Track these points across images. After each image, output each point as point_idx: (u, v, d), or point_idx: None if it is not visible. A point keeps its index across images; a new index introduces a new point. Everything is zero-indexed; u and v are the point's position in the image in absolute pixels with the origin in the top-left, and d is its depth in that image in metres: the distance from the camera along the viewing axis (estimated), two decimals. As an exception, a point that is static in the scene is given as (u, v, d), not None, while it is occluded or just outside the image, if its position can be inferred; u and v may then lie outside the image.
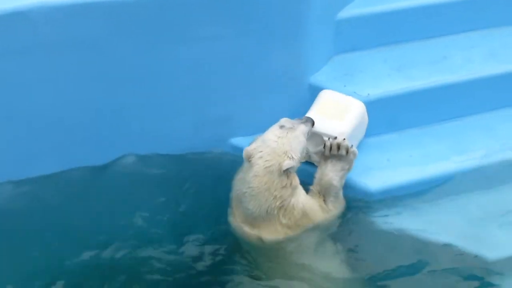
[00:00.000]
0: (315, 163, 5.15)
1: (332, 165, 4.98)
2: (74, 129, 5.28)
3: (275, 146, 4.76)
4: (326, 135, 5.11)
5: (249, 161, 4.78)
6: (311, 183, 5.00)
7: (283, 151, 4.75)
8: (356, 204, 5.18)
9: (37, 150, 5.26)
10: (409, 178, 5.25)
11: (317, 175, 5.00)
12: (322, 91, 5.38)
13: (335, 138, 5.01)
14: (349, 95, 5.36)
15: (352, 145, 5.02)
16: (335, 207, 4.98)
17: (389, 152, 5.41)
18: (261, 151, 4.77)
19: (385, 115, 5.48)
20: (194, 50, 5.19)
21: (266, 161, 4.73)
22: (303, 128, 4.92)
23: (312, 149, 5.16)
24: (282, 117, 5.09)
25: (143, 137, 5.43)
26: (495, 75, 5.65)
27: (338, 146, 4.96)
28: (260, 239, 4.80)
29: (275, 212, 4.75)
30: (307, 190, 4.97)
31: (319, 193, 4.96)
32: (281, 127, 4.88)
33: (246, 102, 5.47)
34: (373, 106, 5.37)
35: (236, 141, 5.54)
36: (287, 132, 4.83)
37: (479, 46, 5.86)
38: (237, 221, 4.89)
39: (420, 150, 5.43)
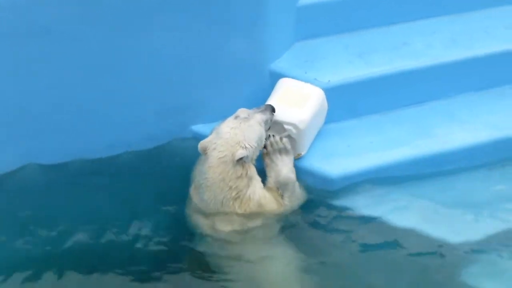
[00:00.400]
0: None
1: (281, 161, 5.01)
2: (33, 121, 5.25)
3: (228, 137, 4.80)
4: (286, 123, 5.13)
5: (205, 154, 4.81)
6: None
7: (236, 141, 4.78)
8: (317, 190, 5.19)
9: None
10: (370, 164, 5.26)
11: (271, 174, 5.00)
12: (281, 79, 5.38)
13: (270, 136, 5.06)
14: (310, 81, 5.37)
15: (281, 137, 5.08)
16: (292, 202, 4.99)
17: (350, 139, 5.42)
18: (215, 143, 4.80)
19: (346, 102, 5.49)
20: (154, 38, 5.18)
21: (219, 152, 4.77)
22: (258, 117, 4.94)
23: None
24: (243, 103, 5.13)
25: (104, 126, 5.39)
26: (455, 61, 5.67)
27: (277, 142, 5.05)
28: (214, 229, 4.81)
29: (231, 203, 4.78)
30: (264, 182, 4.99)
31: (277, 188, 4.96)
32: (236, 117, 4.90)
33: (207, 90, 5.46)
34: (334, 93, 5.38)
35: (198, 128, 5.53)
36: (240, 123, 4.85)
37: (440, 32, 5.89)
38: (193, 212, 4.91)
39: (380, 136, 5.44)
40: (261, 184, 4.90)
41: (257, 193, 4.84)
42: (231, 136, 4.80)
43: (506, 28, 5.90)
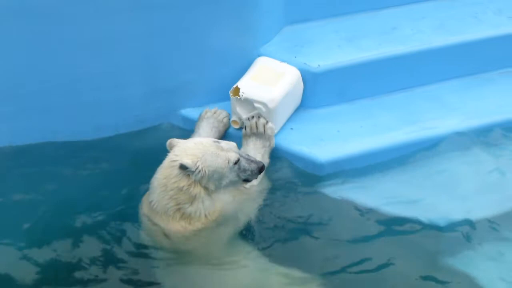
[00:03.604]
0: None
1: (253, 144, 5.00)
2: (23, 100, 5.20)
3: (191, 146, 4.57)
4: (256, 101, 5.12)
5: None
6: None
7: (193, 153, 4.52)
8: (305, 175, 5.18)
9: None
10: (360, 149, 5.26)
11: None
12: (258, 58, 5.40)
13: (253, 117, 5.06)
14: (300, 66, 5.35)
15: (267, 121, 5.07)
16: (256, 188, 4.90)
17: (340, 123, 5.41)
18: (179, 146, 4.60)
19: (336, 86, 5.48)
20: (143, 19, 5.11)
21: (174, 155, 4.57)
22: (232, 156, 4.58)
23: (244, 115, 5.19)
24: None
25: (92, 107, 5.34)
26: (444, 46, 5.65)
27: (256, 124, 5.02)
28: (164, 234, 4.63)
29: (171, 213, 4.57)
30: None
31: None
32: (215, 141, 4.65)
33: (195, 73, 5.40)
34: (323, 77, 5.38)
35: (187, 112, 5.49)
36: (211, 146, 4.58)
37: (429, 17, 5.87)
38: (143, 211, 4.73)
39: (370, 121, 5.44)
40: (212, 202, 4.65)
41: (203, 213, 4.60)
42: (193, 147, 4.55)
43: (495, 13, 5.91)
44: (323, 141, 5.27)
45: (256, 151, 4.99)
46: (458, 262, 4.74)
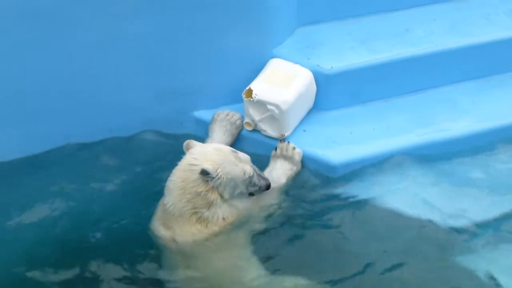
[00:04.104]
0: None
1: (281, 165, 5.03)
2: (26, 102, 5.20)
3: (211, 151, 4.57)
4: (269, 103, 5.12)
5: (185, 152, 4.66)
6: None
7: (213, 159, 4.53)
8: (318, 177, 5.19)
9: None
10: (373, 151, 5.25)
11: (267, 171, 4.99)
12: (271, 59, 5.40)
13: (284, 140, 5.13)
14: (313, 68, 5.35)
15: (295, 147, 5.11)
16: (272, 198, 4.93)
17: (352, 125, 5.41)
18: (197, 149, 4.61)
19: (348, 88, 5.47)
20: (152, 21, 5.12)
21: (193, 158, 4.55)
22: (247, 169, 4.62)
23: (257, 117, 5.20)
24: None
25: (104, 109, 5.36)
26: (457, 48, 5.64)
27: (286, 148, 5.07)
28: (173, 240, 4.61)
29: (187, 216, 4.56)
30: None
31: None
32: (234, 152, 4.66)
33: (208, 75, 5.41)
34: (336, 79, 5.38)
35: (199, 114, 5.49)
36: (230, 156, 4.60)
37: (441, 19, 5.85)
38: (156, 220, 4.72)
39: (383, 123, 5.43)
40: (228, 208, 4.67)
41: (221, 216, 4.62)
42: (213, 153, 4.57)
43: (507, 15, 5.89)
44: (336, 143, 5.27)
45: (283, 171, 5.01)
46: (472, 262, 4.73)
